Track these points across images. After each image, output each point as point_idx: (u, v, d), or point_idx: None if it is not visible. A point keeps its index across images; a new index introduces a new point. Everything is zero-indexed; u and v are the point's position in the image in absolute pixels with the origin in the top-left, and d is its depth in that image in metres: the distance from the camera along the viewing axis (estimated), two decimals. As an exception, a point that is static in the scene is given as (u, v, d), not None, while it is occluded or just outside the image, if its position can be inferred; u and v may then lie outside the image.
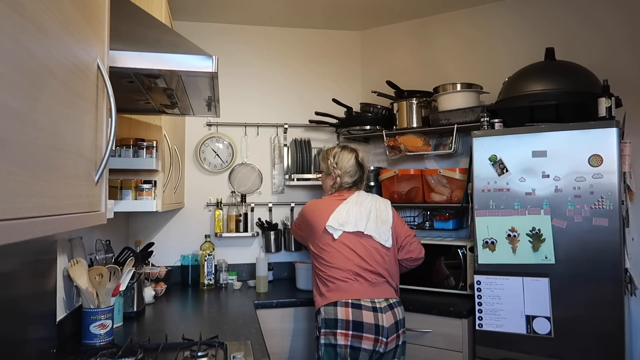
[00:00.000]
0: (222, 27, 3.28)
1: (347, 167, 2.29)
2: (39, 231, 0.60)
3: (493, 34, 2.95)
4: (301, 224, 2.36)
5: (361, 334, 2.00)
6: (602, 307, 1.99)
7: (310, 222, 2.25)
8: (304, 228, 2.33)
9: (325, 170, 2.36)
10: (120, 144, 1.94)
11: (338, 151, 2.34)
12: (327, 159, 2.35)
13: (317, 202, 2.32)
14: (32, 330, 1.46)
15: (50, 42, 0.65)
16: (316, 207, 2.27)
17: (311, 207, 2.29)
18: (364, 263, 2.12)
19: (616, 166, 1.99)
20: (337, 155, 2.32)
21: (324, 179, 2.40)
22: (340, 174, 2.30)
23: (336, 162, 2.31)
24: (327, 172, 2.35)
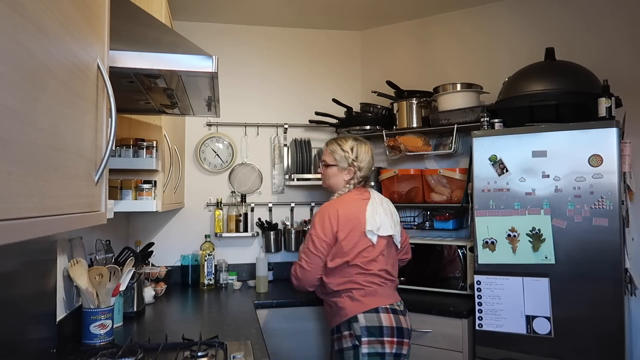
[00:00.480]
0: (222, 27, 3.28)
1: (367, 160, 2.08)
2: (39, 231, 0.60)
3: (493, 34, 2.95)
4: (324, 235, 1.97)
5: (402, 340, 1.93)
6: (602, 307, 1.99)
7: (346, 228, 1.94)
8: (329, 238, 1.97)
9: (341, 163, 2.08)
10: (120, 144, 1.94)
11: (355, 143, 2.10)
12: (344, 150, 2.08)
13: (344, 203, 2.01)
14: (32, 330, 1.46)
15: (50, 42, 0.65)
16: (348, 210, 1.98)
17: (343, 211, 1.97)
18: (389, 266, 2.04)
19: (616, 166, 1.99)
20: (355, 148, 2.08)
21: (336, 173, 2.10)
22: (361, 167, 2.07)
23: (356, 155, 2.07)
24: (343, 165, 2.08)
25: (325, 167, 2.14)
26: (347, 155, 2.07)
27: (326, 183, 2.15)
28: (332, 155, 2.11)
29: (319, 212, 2.03)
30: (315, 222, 2.01)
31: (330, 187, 2.14)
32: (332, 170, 2.11)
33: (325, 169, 2.13)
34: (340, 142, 2.12)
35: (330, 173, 2.11)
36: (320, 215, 2.00)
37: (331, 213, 1.98)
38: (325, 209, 2.01)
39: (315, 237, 1.98)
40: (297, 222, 3.30)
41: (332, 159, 2.10)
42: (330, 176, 2.12)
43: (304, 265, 1.99)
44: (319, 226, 1.98)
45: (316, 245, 1.97)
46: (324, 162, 2.15)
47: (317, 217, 2.01)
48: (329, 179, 2.13)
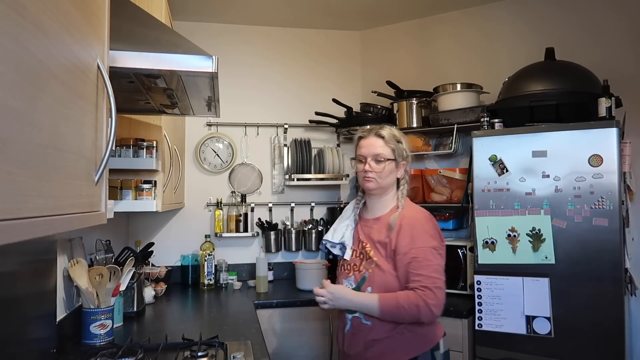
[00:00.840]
0: (222, 27, 3.28)
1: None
2: (39, 231, 0.60)
3: (493, 34, 2.95)
4: (444, 248, 1.69)
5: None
6: (602, 307, 1.99)
7: (441, 237, 1.69)
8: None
9: (398, 157, 1.70)
10: (120, 144, 1.94)
11: (401, 133, 1.76)
12: (398, 141, 1.72)
13: (425, 211, 1.73)
14: (32, 330, 1.46)
15: (51, 42, 0.65)
16: (433, 219, 1.73)
17: (432, 217, 1.72)
18: None
19: (616, 166, 1.99)
20: (404, 139, 1.75)
21: (393, 170, 1.71)
22: (408, 162, 1.75)
23: (407, 147, 1.74)
24: (399, 160, 1.71)
25: (377, 162, 1.68)
26: (402, 147, 1.71)
27: (379, 183, 1.69)
28: (389, 146, 1.69)
29: (425, 221, 1.66)
30: (432, 233, 1.63)
31: (381, 188, 1.71)
32: (390, 166, 1.69)
33: (381, 165, 1.68)
34: (394, 130, 1.74)
35: (388, 170, 1.68)
36: (432, 225, 1.66)
37: (434, 220, 1.69)
38: (428, 218, 1.68)
39: (441, 250, 1.64)
40: (297, 222, 3.30)
41: (390, 152, 1.69)
42: (387, 174, 1.69)
43: (442, 287, 1.58)
44: (440, 237, 1.66)
45: (444, 261, 1.64)
46: (379, 156, 1.68)
47: (430, 227, 1.64)
48: (386, 178, 1.69)
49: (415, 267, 1.56)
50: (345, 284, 1.70)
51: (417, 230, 1.61)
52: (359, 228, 1.77)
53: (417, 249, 1.58)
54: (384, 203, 1.74)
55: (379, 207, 1.74)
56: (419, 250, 1.57)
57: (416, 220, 1.64)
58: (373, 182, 1.69)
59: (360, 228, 1.76)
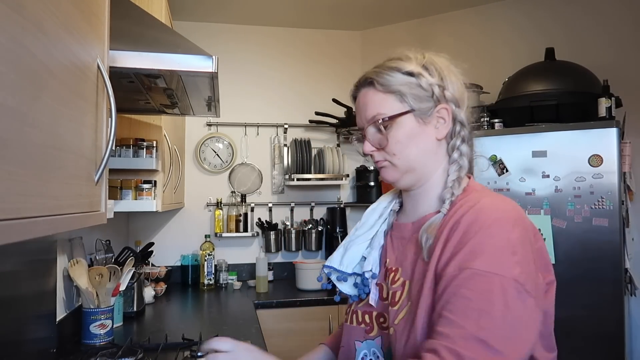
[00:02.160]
0: (222, 27, 3.28)
1: (461, 87, 0.99)
2: (39, 231, 0.60)
3: (493, 34, 2.95)
4: (536, 279, 0.79)
5: None
6: (602, 307, 1.99)
7: (543, 254, 0.87)
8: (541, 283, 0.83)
9: (417, 102, 0.89)
10: (120, 144, 1.94)
11: (425, 54, 1.00)
12: (410, 72, 0.91)
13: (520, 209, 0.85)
14: (32, 330, 1.46)
15: (50, 42, 0.65)
16: (531, 224, 0.85)
17: (527, 220, 0.84)
18: None
19: (616, 166, 1.99)
20: (434, 62, 0.98)
21: (418, 132, 0.89)
22: (459, 100, 0.95)
23: (441, 76, 0.94)
24: (426, 107, 0.89)
25: (378, 130, 0.89)
26: (428, 80, 0.91)
27: (399, 165, 0.90)
28: (390, 90, 0.90)
29: (504, 223, 0.78)
30: (513, 249, 0.76)
31: (409, 172, 0.90)
32: (405, 126, 0.88)
33: (388, 132, 0.88)
34: (397, 58, 0.97)
35: (403, 135, 0.88)
36: (520, 234, 0.78)
37: (529, 227, 0.82)
38: (515, 218, 0.80)
39: (528, 288, 0.75)
40: (297, 222, 3.30)
41: (395, 100, 0.89)
42: (406, 142, 0.88)
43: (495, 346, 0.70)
44: (531, 262, 0.78)
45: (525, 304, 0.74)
46: (375, 118, 0.89)
47: (514, 236, 0.77)
48: (406, 150, 0.89)
49: (448, 303, 0.74)
50: (364, 351, 0.92)
51: (480, 235, 0.76)
52: (389, 243, 0.96)
53: (467, 271, 0.74)
54: (427, 194, 0.92)
55: (420, 202, 0.93)
56: (469, 274, 0.74)
57: (484, 217, 0.78)
58: (389, 169, 0.91)
59: (391, 243, 0.96)
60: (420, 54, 0.98)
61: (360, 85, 0.95)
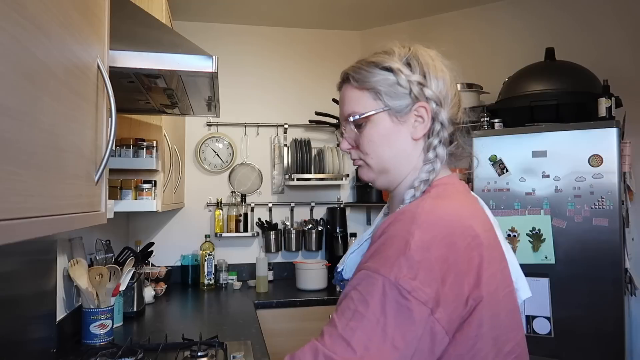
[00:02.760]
0: (222, 27, 3.28)
1: (446, 83, 0.92)
2: (39, 231, 0.60)
3: (493, 34, 2.95)
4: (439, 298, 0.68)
5: None
6: (602, 307, 1.99)
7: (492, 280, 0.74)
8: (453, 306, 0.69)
9: (393, 99, 0.84)
10: (120, 144, 1.94)
11: (409, 48, 0.94)
12: (387, 67, 0.87)
13: (466, 202, 0.82)
14: (32, 330, 1.46)
15: (51, 42, 0.65)
16: (484, 223, 0.80)
17: (482, 229, 0.76)
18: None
19: (616, 166, 1.99)
20: (416, 56, 0.92)
21: (392, 130, 0.85)
22: (441, 98, 0.89)
23: (422, 72, 0.89)
24: (401, 105, 0.84)
25: (355, 128, 0.87)
26: (404, 76, 0.85)
27: (372, 165, 0.87)
28: (363, 87, 0.86)
29: (419, 225, 0.71)
30: (411, 255, 0.68)
31: (383, 172, 0.87)
32: (381, 124, 0.85)
33: (362, 130, 0.86)
34: (381, 52, 0.92)
35: (376, 134, 0.85)
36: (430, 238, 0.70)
37: (458, 234, 0.73)
38: (430, 222, 0.72)
39: (407, 292, 0.67)
40: (297, 222, 3.30)
41: (369, 97, 0.86)
42: (380, 141, 0.85)
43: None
44: (423, 267, 0.68)
45: (404, 312, 0.67)
46: (351, 115, 0.87)
47: (418, 242, 0.69)
48: (379, 149, 0.85)
49: (338, 304, 0.74)
50: None
51: (385, 237, 0.73)
52: None
53: (362, 272, 0.72)
54: (399, 196, 0.87)
55: (393, 205, 0.90)
56: (362, 275, 0.72)
57: (400, 218, 0.74)
58: (364, 169, 0.88)
59: None
60: (406, 47, 0.92)
61: (341, 80, 0.94)
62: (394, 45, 0.92)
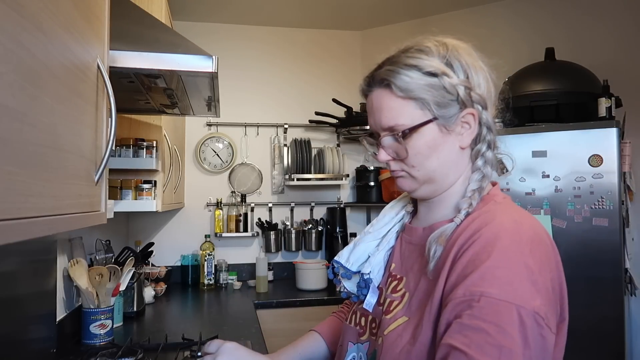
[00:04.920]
0: (222, 27, 3.28)
1: (488, 84, 0.89)
2: (39, 231, 0.60)
3: (493, 34, 2.94)
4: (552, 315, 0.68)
5: None
6: (602, 307, 1.99)
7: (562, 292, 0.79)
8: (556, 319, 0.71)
9: (441, 107, 0.78)
10: (120, 144, 1.94)
11: (448, 45, 0.85)
12: (433, 73, 0.78)
13: (542, 227, 0.82)
14: (32, 330, 1.46)
15: (50, 42, 0.65)
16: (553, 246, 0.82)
17: (550, 243, 0.81)
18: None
19: (616, 166, 1.99)
20: (458, 56, 0.84)
21: (441, 141, 0.79)
22: (486, 101, 0.86)
23: (467, 74, 0.83)
24: (450, 113, 0.79)
25: (397, 141, 0.80)
26: (449, 81, 0.78)
27: (418, 177, 0.82)
28: (409, 96, 0.78)
29: (524, 242, 0.72)
30: (532, 276, 0.68)
31: (429, 182, 0.82)
32: (429, 136, 0.79)
33: (407, 142, 0.78)
34: (417, 51, 0.84)
35: (427, 145, 0.79)
36: (540, 257, 0.74)
37: (551, 252, 0.79)
38: (534, 238, 0.75)
39: (547, 320, 0.66)
40: (297, 222, 3.30)
41: (415, 107, 0.78)
42: (427, 153, 0.79)
43: None
44: (551, 291, 0.71)
45: (545, 340, 0.66)
46: (394, 129, 0.79)
47: (534, 259, 0.71)
48: (427, 161, 0.80)
49: (461, 335, 0.64)
50: (353, 354, 0.88)
51: (494, 258, 0.68)
52: (398, 246, 0.90)
53: (482, 299, 0.65)
54: (444, 202, 0.84)
55: (435, 209, 0.86)
56: (484, 303, 0.65)
57: (501, 236, 0.70)
58: (407, 180, 0.83)
59: (400, 246, 0.90)
60: (442, 44, 0.83)
61: (372, 83, 0.82)
62: (429, 42, 0.84)
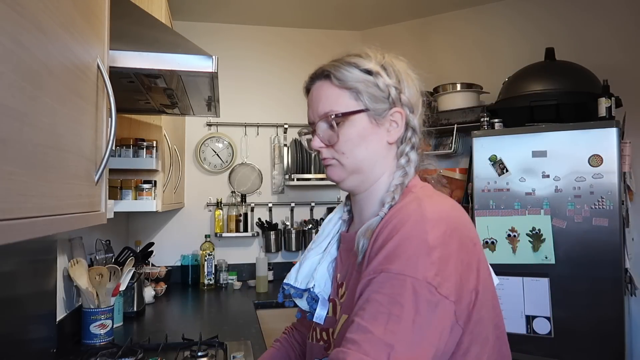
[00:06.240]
0: (222, 27, 3.28)
1: (415, 91, 0.91)
2: (39, 231, 0.60)
3: (493, 34, 2.95)
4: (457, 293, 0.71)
5: None
6: (602, 307, 1.99)
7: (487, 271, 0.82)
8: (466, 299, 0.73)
9: (373, 102, 0.86)
10: (120, 144, 1.94)
11: (385, 55, 0.94)
12: (368, 71, 0.88)
13: (456, 206, 0.82)
14: (32, 330, 1.46)
15: (50, 42, 0.65)
16: (470, 224, 0.81)
17: (463, 223, 0.78)
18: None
19: (616, 166, 1.99)
20: (391, 64, 0.91)
21: (370, 131, 0.86)
22: (412, 105, 0.89)
23: (397, 79, 0.89)
24: (381, 108, 0.86)
25: (330, 126, 0.86)
26: (385, 80, 0.86)
27: (346, 165, 0.86)
28: (345, 86, 0.86)
29: (430, 224, 0.73)
30: (432, 254, 0.71)
31: (357, 172, 0.87)
32: (358, 124, 0.85)
33: (340, 129, 0.85)
34: (357, 55, 0.93)
35: (355, 134, 0.85)
36: (441, 236, 0.73)
37: (462, 230, 0.77)
38: (441, 219, 0.75)
39: (442, 291, 0.70)
40: (297, 222, 3.30)
41: (349, 97, 0.86)
42: (357, 141, 0.85)
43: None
44: (443, 263, 0.71)
45: (437, 308, 0.69)
46: (328, 115, 0.87)
47: (435, 238, 0.72)
48: (356, 150, 0.85)
49: (360, 309, 0.71)
50: None
51: (397, 237, 0.73)
52: (339, 255, 0.93)
53: (382, 274, 0.71)
54: (371, 200, 0.88)
55: (364, 208, 0.90)
56: (383, 278, 0.71)
57: (405, 218, 0.75)
58: (336, 168, 0.87)
59: (340, 256, 0.93)
60: (380, 53, 0.93)
61: (315, 77, 0.94)
62: (368, 49, 0.94)
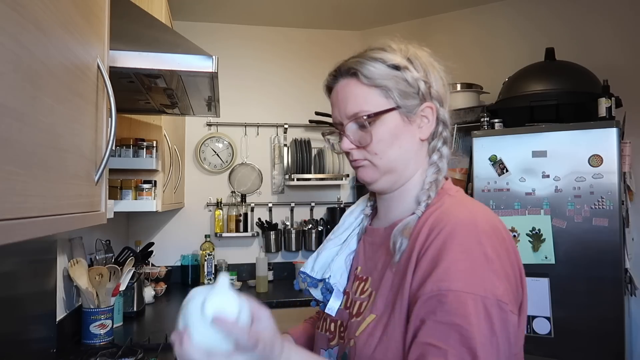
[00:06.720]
0: (222, 27, 3.28)
1: (442, 85, 0.87)
2: (39, 231, 0.60)
3: (493, 34, 2.95)
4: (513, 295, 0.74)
5: None
6: (602, 307, 1.99)
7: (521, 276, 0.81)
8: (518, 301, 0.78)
9: (404, 98, 0.81)
10: (120, 144, 1.94)
11: (410, 47, 0.89)
12: (396, 66, 0.83)
13: (498, 217, 0.80)
14: (32, 330, 1.46)
15: (50, 42, 0.65)
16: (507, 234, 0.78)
17: (504, 230, 0.77)
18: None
19: (616, 166, 1.99)
20: (418, 56, 0.88)
21: (402, 130, 0.82)
22: (442, 99, 0.86)
23: (425, 72, 0.85)
24: (411, 104, 0.82)
25: (360, 127, 0.82)
26: (413, 74, 0.82)
27: (379, 166, 0.83)
28: (375, 84, 0.81)
29: (481, 233, 0.72)
30: (493, 265, 0.71)
31: (389, 173, 0.83)
32: (389, 123, 0.81)
33: (368, 131, 0.81)
34: (380, 49, 0.87)
35: (386, 133, 0.81)
36: (497, 245, 0.72)
37: (507, 237, 0.77)
38: (490, 227, 0.74)
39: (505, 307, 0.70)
40: (297, 222, 3.30)
41: (379, 95, 0.81)
42: (389, 141, 0.81)
43: None
44: (512, 276, 0.75)
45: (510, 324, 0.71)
46: (358, 115, 0.81)
47: (491, 248, 0.71)
48: (389, 150, 0.82)
49: (432, 329, 0.68)
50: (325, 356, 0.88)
51: (456, 252, 0.70)
52: (361, 249, 0.91)
53: (449, 293, 0.68)
54: (403, 197, 0.85)
55: (394, 205, 0.86)
56: (452, 297, 0.67)
57: (460, 229, 0.72)
58: (369, 169, 0.83)
59: (363, 248, 0.90)
60: (404, 45, 0.88)
61: (339, 75, 0.87)
62: (391, 42, 0.88)
